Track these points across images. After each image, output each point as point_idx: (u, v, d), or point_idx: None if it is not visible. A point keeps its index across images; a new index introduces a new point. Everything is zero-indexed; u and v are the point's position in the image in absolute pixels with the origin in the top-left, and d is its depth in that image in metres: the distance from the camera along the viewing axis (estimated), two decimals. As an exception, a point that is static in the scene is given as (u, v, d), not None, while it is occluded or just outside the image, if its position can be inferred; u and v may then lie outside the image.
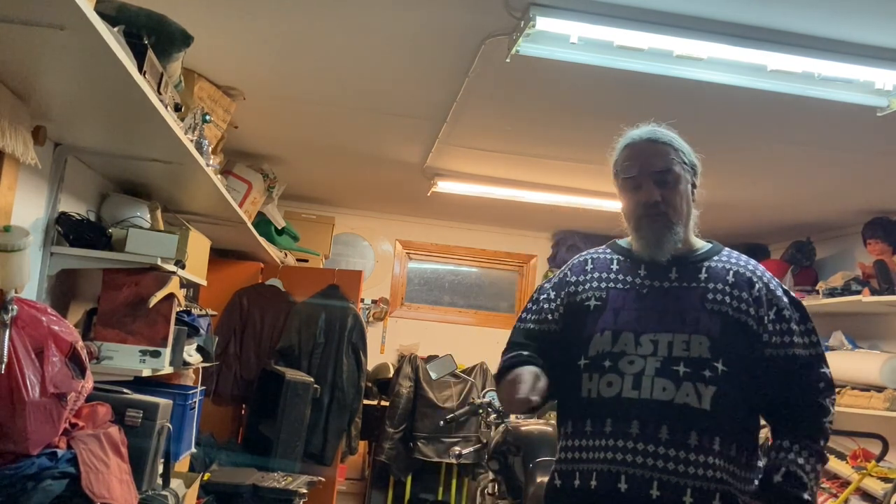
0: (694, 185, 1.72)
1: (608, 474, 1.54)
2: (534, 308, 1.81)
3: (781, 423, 1.64)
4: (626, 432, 1.54)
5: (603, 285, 1.69)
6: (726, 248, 1.75)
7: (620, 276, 1.70)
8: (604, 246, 1.81)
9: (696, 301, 1.62)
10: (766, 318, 1.63)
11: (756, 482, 1.60)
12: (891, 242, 3.85)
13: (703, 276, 1.66)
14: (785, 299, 1.67)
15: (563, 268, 1.83)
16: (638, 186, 1.66)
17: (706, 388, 1.54)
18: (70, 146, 2.24)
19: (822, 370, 1.65)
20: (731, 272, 1.66)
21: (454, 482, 5.01)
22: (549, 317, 1.75)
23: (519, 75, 2.59)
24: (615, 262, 1.73)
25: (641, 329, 1.60)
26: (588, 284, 1.71)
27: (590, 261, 1.77)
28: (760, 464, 1.63)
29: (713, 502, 1.51)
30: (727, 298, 1.62)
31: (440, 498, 5.01)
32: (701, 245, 1.73)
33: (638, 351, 1.58)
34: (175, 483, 2.47)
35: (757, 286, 1.65)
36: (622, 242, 1.79)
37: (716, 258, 1.70)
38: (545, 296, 1.79)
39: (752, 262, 1.73)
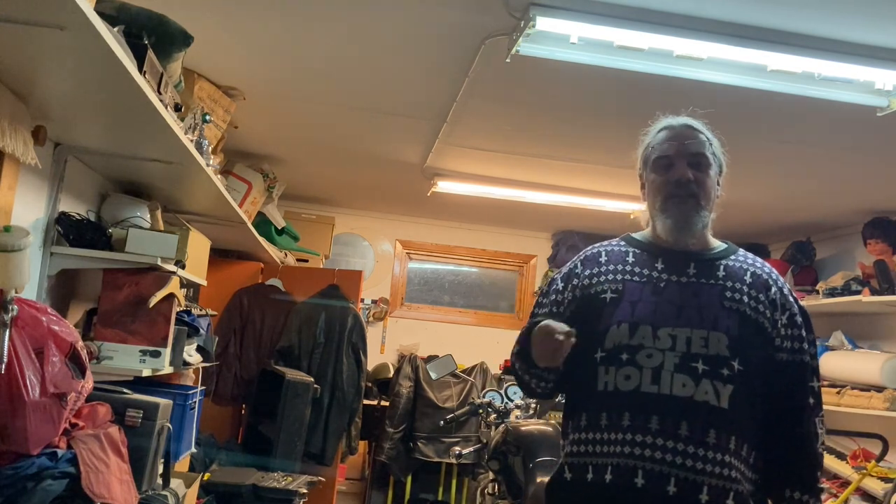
0: (718, 183, 1.71)
1: (625, 468, 1.52)
2: (544, 301, 1.79)
3: (782, 464, 1.63)
4: (646, 427, 1.52)
5: (619, 277, 1.67)
6: (741, 249, 1.74)
7: (637, 269, 1.68)
8: (617, 239, 1.79)
9: (715, 298, 1.61)
10: (779, 322, 1.63)
11: (757, 482, 1.60)
12: (891, 242, 3.85)
13: (721, 273, 1.65)
14: (796, 306, 1.68)
15: (573, 258, 1.81)
16: (670, 165, 1.66)
17: (724, 387, 1.53)
18: (70, 146, 2.24)
19: (816, 384, 1.66)
20: (749, 272, 1.66)
21: (454, 482, 5.01)
22: (556, 309, 1.73)
23: (519, 75, 2.59)
24: (630, 254, 1.71)
25: (659, 322, 1.58)
26: (603, 277, 1.69)
27: (603, 253, 1.75)
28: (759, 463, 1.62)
29: (727, 501, 1.50)
30: (745, 298, 1.62)
31: (440, 498, 5.01)
32: (717, 244, 1.73)
33: (656, 344, 1.56)
34: (175, 483, 2.48)
35: (773, 289, 1.65)
36: (637, 236, 1.77)
37: (732, 258, 1.69)
38: (555, 286, 1.78)
39: (767, 265, 1.73)
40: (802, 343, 1.64)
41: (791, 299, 1.68)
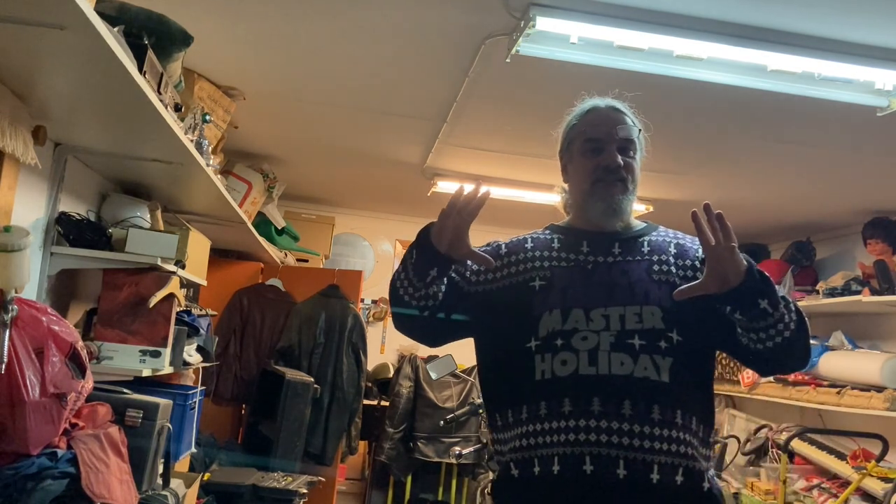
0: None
1: (572, 457, 1.45)
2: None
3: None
4: (588, 410, 1.46)
5: (546, 264, 1.64)
6: (661, 226, 1.73)
7: (563, 254, 1.65)
8: (541, 228, 1.76)
9: (643, 273, 1.59)
10: None
11: (710, 458, 1.56)
12: (891, 242, 3.85)
13: (645, 249, 1.63)
14: None
15: (498, 240, 1.74)
16: (599, 150, 1.64)
17: (663, 360, 1.49)
18: (70, 146, 2.24)
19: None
20: (672, 244, 1.65)
21: (454, 482, 5.01)
22: (468, 273, 1.66)
23: (519, 75, 2.59)
24: (555, 240, 1.69)
25: (591, 304, 1.55)
26: (530, 264, 1.65)
27: (529, 240, 1.71)
28: (712, 440, 1.58)
29: (675, 477, 1.45)
30: (673, 268, 1.59)
31: (440, 498, 5.01)
32: (637, 223, 1.72)
33: (590, 326, 1.52)
34: (175, 483, 2.47)
35: (700, 251, 1.60)
36: (560, 223, 1.76)
37: (654, 234, 1.68)
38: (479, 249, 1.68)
39: (689, 235, 1.69)
40: None
41: None
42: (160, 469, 2.31)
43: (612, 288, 1.57)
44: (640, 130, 1.68)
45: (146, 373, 2.27)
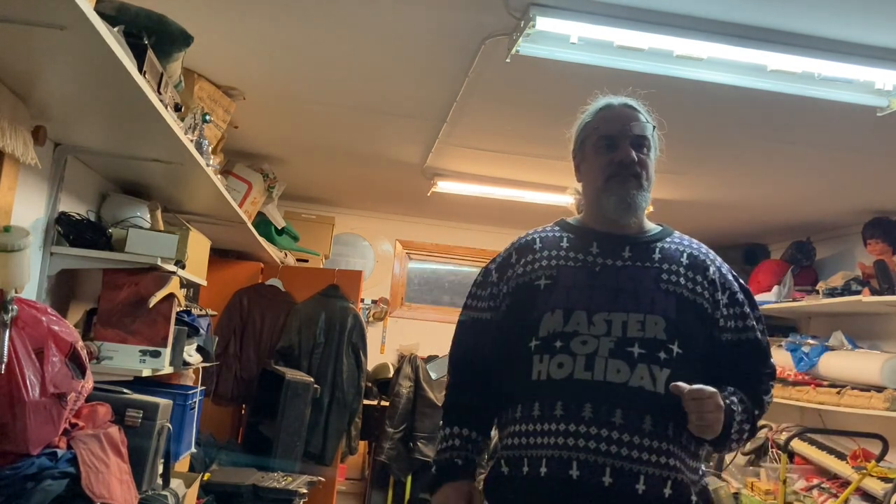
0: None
1: (559, 460, 1.46)
2: (481, 293, 1.73)
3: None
4: (579, 416, 1.46)
5: (553, 263, 1.63)
6: (677, 231, 1.71)
7: (571, 254, 1.63)
8: (552, 224, 1.75)
9: (651, 281, 1.57)
10: (720, 301, 1.60)
11: (701, 473, 1.56)
12: (891, 242, 3.85)
13: (656, 256, 1.61)
14: (736, 284, 1.65)
15: (508, 247, 1.75)
16: (614, 146, 1.63)
17: (661, 371, 1.48)
18: (70, 146, 2.24)
19: (772, 360, 1.64)
20: (685, 254, 1.63)
21: (454, 482, 5.00)
22: (492, 303, 1.68)
23: (519, 75, 2.59)
24: (565, 239, 1.67)
25: (594, 308, 1.54)
26: (537, 263, 1.64)
27: (538, 240, 1.70)
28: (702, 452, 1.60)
29: (664, 490, 1.45)
30: (682, 280, 1.58)
31: (440, 498, 5.01)
32: (652, 227, 1.70)
33: (591, 330, 1.51)
34: (175, 483, 2.48)
35: (711, 269, 1.62)
36: (571, 220, 1.74)
37: (668, 240, 1.66)
38: (490, 279, 1.71)
39: (704, 245, 1.69)
40: (747, 320, 1.61)
41: (730, 277, 1.64)
42: (160, 469, 2.31)
43: (618, 293, 1.56)
44: (654, 128, 1.67)
45: (146, 373, 2.27)
